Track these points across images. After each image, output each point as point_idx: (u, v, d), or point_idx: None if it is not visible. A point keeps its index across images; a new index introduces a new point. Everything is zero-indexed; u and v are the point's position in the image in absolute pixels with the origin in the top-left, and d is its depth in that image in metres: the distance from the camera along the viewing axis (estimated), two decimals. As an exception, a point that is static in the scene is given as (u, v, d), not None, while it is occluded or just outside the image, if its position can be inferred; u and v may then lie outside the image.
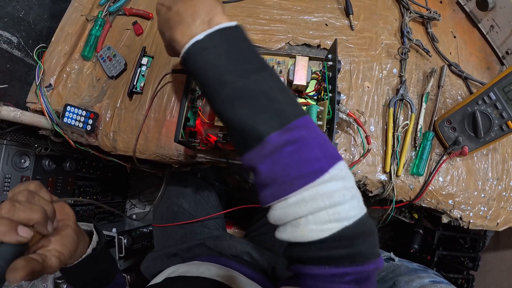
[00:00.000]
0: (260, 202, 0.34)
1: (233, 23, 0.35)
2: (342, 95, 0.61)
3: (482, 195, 0.62)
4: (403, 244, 1.00)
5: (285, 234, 0.32)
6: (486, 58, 0.70)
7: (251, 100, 0.32)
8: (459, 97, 0.65)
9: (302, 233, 0.30)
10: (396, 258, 0.67)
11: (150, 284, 0.55)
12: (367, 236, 0.31)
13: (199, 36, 0.34)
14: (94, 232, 0.50)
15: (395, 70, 0.64)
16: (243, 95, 0.32)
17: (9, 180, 0.84)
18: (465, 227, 0.61)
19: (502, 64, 0.70)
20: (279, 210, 0.32)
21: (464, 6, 0.73)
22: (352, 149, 0.59)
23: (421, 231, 0.85)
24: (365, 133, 0.56)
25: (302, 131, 0.32)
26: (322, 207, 0.30)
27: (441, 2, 0.73)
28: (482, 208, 0.62)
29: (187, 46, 0.34)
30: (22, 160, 0.86)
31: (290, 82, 0.57)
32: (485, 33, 0.71)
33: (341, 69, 0.63)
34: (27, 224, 0.34)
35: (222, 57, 0.33)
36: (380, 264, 0.32)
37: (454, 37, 0.70)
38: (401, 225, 1.08)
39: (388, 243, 1.15)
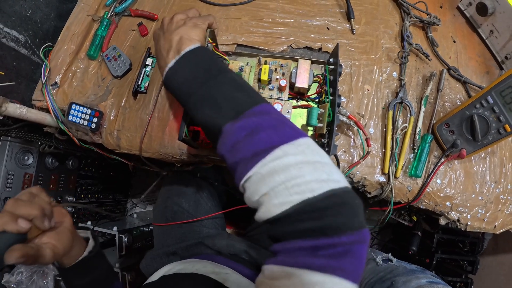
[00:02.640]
0: (236, 184, 0.36)
1: (195, 45, 0.43)
2: (342, 97, 0.62)
3: (480, 197, 0.63)
4: (402, 247, 1.01)
5: (257, 215, 0.34)
6: (486, 62, 0.71)
7: (211, 101, 0.39)
8: (458, 101, 0.66)
9: (268, 210, 0.31)
10: (394, 259, 0.68)
11: (146, 282, 0.56)
12: (341, 207, 0.30)
13: (171, 64, 0.42)
14: (90, 238, 0.57)
15: (395, 74, 0.65)
16: (204, 99, 0.39)
17: (12, 176, 0.85)
18: (462, 229, 0.62)
19: (502, 68, 0.71)
20: (247, 191, 0.34)
21: (464, 11, 0.74)
22: (352, 150, 0.60)
23: (419, 233, 0.86)
24: (365, 135, 0.57)
25: (256, 117, 0.35)
26: (279, 182, 0.31)
27: (441, 7, 0.74)
28: (479, 211, 0.62)
29: (164, 73, 0.43)
30: (26, 157, 0.87)
31: (292, 84, 0.58)
32: (484, 38, 0.72)
33: (342, 72, 0.64)
34: (27, 218, 0.41)
35: (188, 74, 0.41)
36: (364, 237, 0.31)
37: (454, 41, 0.71)
38: (400, 228, 1.09)
39: (388, 246, 1.16)
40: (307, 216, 0.30)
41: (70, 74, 0.68)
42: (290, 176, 0.31)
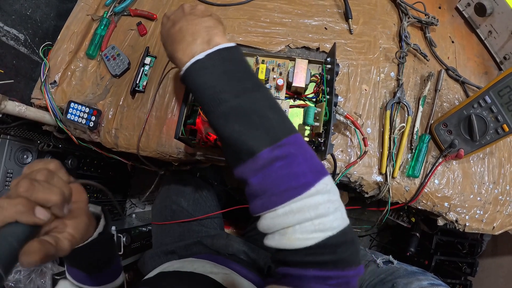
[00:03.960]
0: (251, 211, 0.36)
1: (232, 44, 0.38)
2: (340, 97, 0.62)
3: (478, 198, 0.62)
4: (400, 248, 1.00)
5: (273, 242, 0.35)
6: (484, 63, 0.71)
7: (244, 117, 0.35)
8: (456, 101, 0.65)
9: (290, 242, 0.33)
10: (395, 261, 0.67)
11: (143, 278, 0.55)
12: (350, 245, 0.34)
13: (200, 56, 0.36)
14: (102, 217, 0.48)
15: (392, 74, 0.65)
16: (237, 113, 0.35)
17: (11, 175, 0.85)
18: (461, 230, 0.62)
19: (500, 69, 0.71)
20: (268, 220, 0.34)
21: (463, 12, 0.74)
22: (349, 150, 0.60)
23: (417, 234, 0.85)
24: (362, 135, 0.57)
25: (291, 148, 0.34)
26: (309, 218, 0.32)
27: (440, 7, 0.74)
28: (478, 212, 0.62)
29: (187, 64, 0.37)
30: (25, 156, 0.87)
31: (289, 84, 0.58)
32: (483, 39, 0.72)
33: (340, 72, 0.64)
34: (45, 206, 0.33)
35: (220, 76, 0.36)
36: (361, 271, 0.35)
37: (452, 42, 0.71)
38: (399, 230, 1.08)
39: (387, 247, 1.15)
40: (325, 251, 0.33)
41: (69, 73, 0.69)
42: (318, 214, 0.33)
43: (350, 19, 0.67)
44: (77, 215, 0.39)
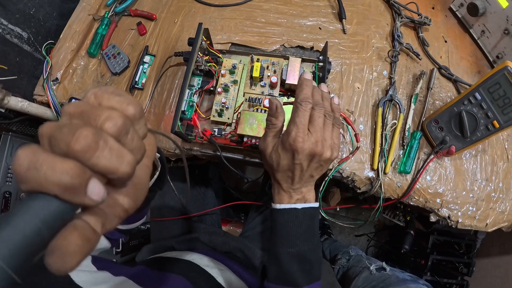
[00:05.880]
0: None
1: (317, 204, 0.47)
2: (332, 95, 0.63)
3: (471, 195, 0.63)
4: (396, 248, 1.01)
5: None
6: (477, 62, 0.72)
7: (303, 262, 0.45)
8: (448, 99, 0.66)
9: None
10: (388, 268, 0.68)
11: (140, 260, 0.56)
12: None
13: (297, 206, 0.45)
14: (159, 167, 0.39)
15: (385, 72, 0.66)
16: (300, 257, 0.45)
17: (12, 171, 0.87)
18: (453, 226, 0.62)
19: (493, 68, 0.72)
20: None
21: (456, 12, 0.75)
22: (341, 146, 0.61)
23: (412, 232, 0.86)
24: (354, 131, 0.58)
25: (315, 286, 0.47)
26: None
27: (433, 8, 0.75)
28: (470, 208, 0.63)
29: (284, 206, 0.46)
30: (27, 153, 0.89)
31: (283, 81, 0.59)
32: (476, 38, 0.73)
33: (333, 71, 0.65)
34: (105, 176, 0.20)
35: (302, 227, 0.45)
36: None
37: (446, 41, 0.72)
38: (396, 230, 1.09)
39: (385, 247, 1.15)
40: None
41: (70, 70, 0.71)
42: None
43: (344, 19, 0.69)
44: (141, 182, 0.26)
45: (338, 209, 1.08)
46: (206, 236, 0.70)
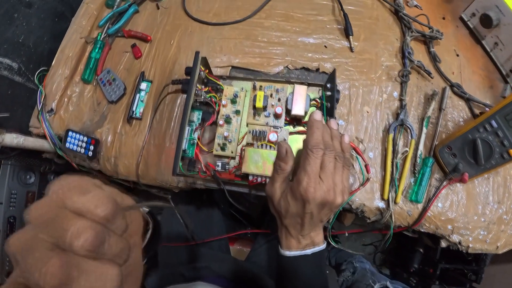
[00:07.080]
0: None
1: (325, 245, 0.47)
2: (341, 121, 0.60)
3: (482, 219, 0.61)
4: (403, 263, 1.00)
5: None
6: (489, 76, 0.69)
7: None
8: (461, 120, 0.64)
9: None
10: (391, 287, 0.68)
11: None
12: None
13: (307, 252, 0.44)
14: (150, 223, 0.37)
15: (395, 94, 0.63)
16: None
17: (15, 196, 0.86)
18: (464, 251, 0.61)
19: (506, 82, 0.69)
20: None
21: (468, 22, 0.71)
22: (350, 176, 0.59)
23: (421, 250, 0.85)
24: (364, 162, 0.56)
25: None
26: None
27: (444, 18, 0.71)
28: (481, 232, 0.61)
29: (293, 253, 0.45)
30: (28, 176, 0.88)
31: (288, 110, 0.56)
32: (489, 50, 0.69)
33: (341, 94, 0.62)
34: None
35: (311, 268, 0.45)
36: None
37: (457, 55, 0.68)
38: (402, 237, 1.08)
39: (390, 259, 1.15)
40: None
41: (65, 99, 0.68)
42: None
43: (350, 36, 0.65)
44: (132, 263, 0.23)
45: (346, 234, 1.08)
46: (216, 265, 0.70)
